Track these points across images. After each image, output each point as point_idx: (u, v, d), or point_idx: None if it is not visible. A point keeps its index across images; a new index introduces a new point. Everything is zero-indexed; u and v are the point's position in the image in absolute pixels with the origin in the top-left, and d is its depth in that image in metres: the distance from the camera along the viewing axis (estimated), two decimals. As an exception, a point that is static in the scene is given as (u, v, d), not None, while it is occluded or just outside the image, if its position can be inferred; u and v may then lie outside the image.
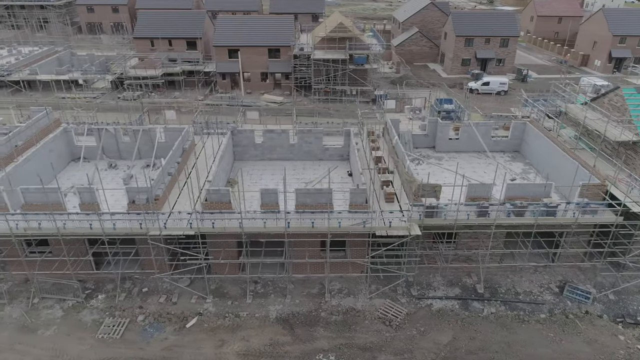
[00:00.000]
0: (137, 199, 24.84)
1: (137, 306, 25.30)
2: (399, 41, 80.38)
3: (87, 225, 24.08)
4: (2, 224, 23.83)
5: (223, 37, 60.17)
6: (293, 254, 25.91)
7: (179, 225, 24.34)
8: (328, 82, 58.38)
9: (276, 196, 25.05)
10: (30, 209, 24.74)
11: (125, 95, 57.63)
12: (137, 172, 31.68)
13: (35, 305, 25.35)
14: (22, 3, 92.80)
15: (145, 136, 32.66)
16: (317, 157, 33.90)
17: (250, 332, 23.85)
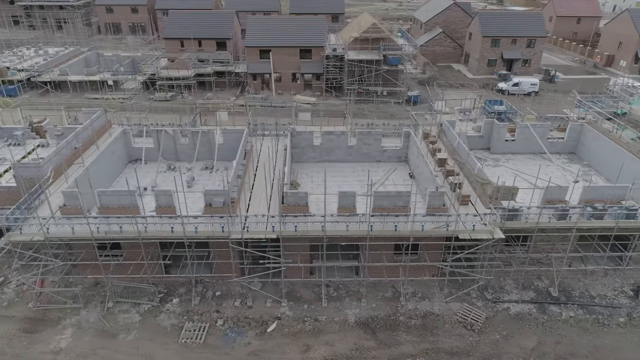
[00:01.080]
0: (214, 202, 24.56)
1: (213, 310, 25.03)
2: (422, 42, 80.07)
3: (167, 229, 23.74)
4: (82, 227, 23.49)
5: (254, 37, 59.91)
6: (368, 257, 25.64)
7: (258, 229, 24.01)
8: (361, 82, 58.12)
9: (354, 199, 24.81)
10: (106, 212, 24.45)
11: (157, 96, 57.30)
12: (198, 174, 31.45)
13: (110, 309, 25.04)
14: (40, 3, 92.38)
15: (203, 138, 32.37)
16: (375, 158, 33.65)
17: (333, 337, 23.59)
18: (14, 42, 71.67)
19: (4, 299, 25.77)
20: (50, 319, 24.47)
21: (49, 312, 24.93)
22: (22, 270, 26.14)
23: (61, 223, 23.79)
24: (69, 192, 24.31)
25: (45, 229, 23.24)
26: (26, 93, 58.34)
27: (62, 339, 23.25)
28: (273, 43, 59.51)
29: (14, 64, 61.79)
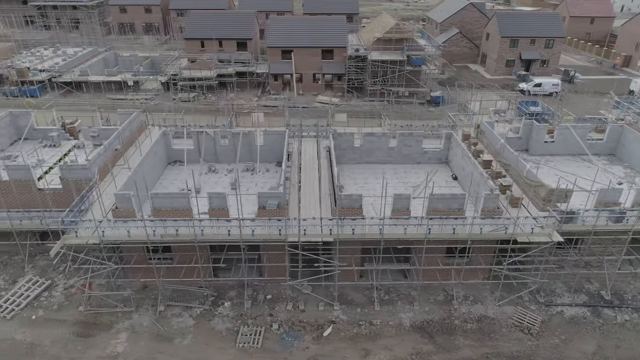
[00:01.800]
0: (268, 205, 24.31)
1: (267, 314, 24.79)
2: (439, 42, 79.78)
3: (222, 232, 23.49)
4: (138, 230, 23.24)
5: (276, 37, 59.67)
6: (420, 261, 25.41)
7: (314, 232, 23.76)
8: (384, 83, 57.87)
9: (408, 201, 24.56)
10: (159, 214, 24.20)
11: (180, 97, 57.02)
12: (240, 176, 31.19)
13: (162, 313, 24.79)
14: (54, 3, 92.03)
15: (244, 139, 32.13)
16: (416, 160, 33.43)
17: (391, 341, 23.36)
18: (31, 42, 71.31)
19: (53, 303, 25.51)
20: (102, 323, 24.22)
21: (100, 315, 24.68)
22: (74, 273, 25.92)
23: (116, 226, 23.50)
24: (121, 194, 24.05)
25: (101, 232, 22.97)
26: (47, 94, 58.03)
27: (118, 343, 23.00)
28: (295, 43, 59.27)
29: (33, 64, 61.49)
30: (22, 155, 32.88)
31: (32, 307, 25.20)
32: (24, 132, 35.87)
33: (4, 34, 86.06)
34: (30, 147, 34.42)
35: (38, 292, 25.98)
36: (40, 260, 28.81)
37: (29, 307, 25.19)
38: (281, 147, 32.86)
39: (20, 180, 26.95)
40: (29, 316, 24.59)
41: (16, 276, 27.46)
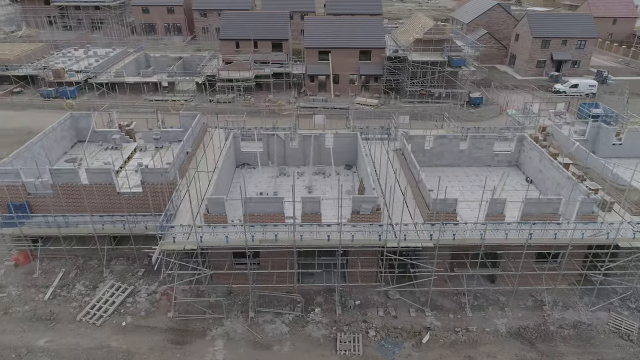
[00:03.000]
0: (362, 209, 23.92)
1: (360, 320, 24.40)
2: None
3: (321, 237, 23.11)
4: (236, 235, 22.84)
5: (314, 38, 59.31)
6: (512, 265, 25.05)
7: (412, 237, 23.39)
8: (423, 84, 57.50)
9: (503, 206, 24.19)
10: (252, 219, 23.78)
11: (218, 98, 56.58)
12: (313, 180, 30.81)
13: (253, 319, 24.37)
14: (77, 4, 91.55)
15: (315, 142, 31.73)
16: (485, 163, 33.07)
17: (492, 348, 22.99)
18: (60, 43, 70.79)
19: (139, 309, 25.09)
20: (194, 330, 23.81)
21: (190, 322, 24.26)
22: (154, 278, 25.53)
23: (210, 231, 23.10)
24: (214, 199, 23.64)
25: (199, 237, 22.56)
26: (84, 95, 57.58)
27: (216, 350, 22.60)
28: (333, 44, 58.94)
29: (67, 65, 61.01)
30: (85, 158, 32.49)
31: (120, 314, 24.77)
32: (82, 134, 35.47)
33: (28, 34, 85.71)
34: (90, 150, 34.02)
35: (123, 298, 25.53)
36: (116, 265, 28.40)
37: (116, 314, 24.75)
38: (350, 150, 32.57)
39: (101, 184, 26.53)
40: (119, 323, 24.17)
41: (96, 281, 27.02)
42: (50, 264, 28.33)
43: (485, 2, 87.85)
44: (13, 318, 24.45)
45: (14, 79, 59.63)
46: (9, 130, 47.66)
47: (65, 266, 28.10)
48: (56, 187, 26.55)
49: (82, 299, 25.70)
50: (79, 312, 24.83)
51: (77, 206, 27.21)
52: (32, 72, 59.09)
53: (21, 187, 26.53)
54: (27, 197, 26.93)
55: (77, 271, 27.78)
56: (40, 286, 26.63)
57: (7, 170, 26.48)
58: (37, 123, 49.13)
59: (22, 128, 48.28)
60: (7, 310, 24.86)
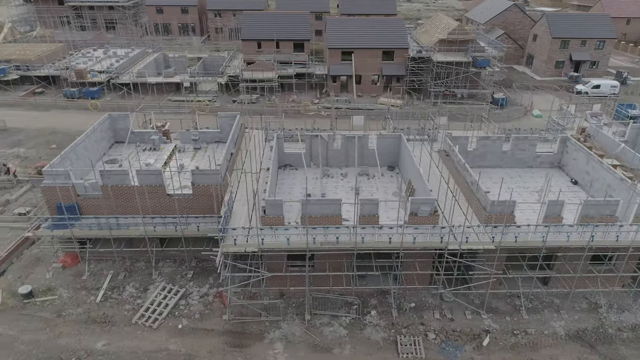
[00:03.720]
0: (420, 211, 23.77)
1: (418, 323, 24.24)
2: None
3: (385, 240, 22.96)
4: (297, 238, 22.69)
5: (337, 39, 59.16)
6: (565, 268, 24.93)
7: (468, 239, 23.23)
8: (447, 85, 57.38)
9: (561, 208, 24.05)
10: (309, 221, 23.61)
11: (242, 99, 56.39)
12: (358, 181, 30.63)
13: (309, 322, 24.21)
14: (91, 4, 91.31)
15: (358, 143, 31.57)
16: (527, 164, 32.91)
17: (553, 351, 22.85)
18: (78, 43, 70.56)
19: (193, 311, 24.92)
20: (252, 333, 23.64)
21: (246, 324, 24.09)
22: (203, 281, 25.37)
23: (269, 233, 22.95)
24: (272, 201, 23.48)
25: (260, 240, 22.40)
26: (106, 95, 57.38)
27: (277, 353, 22.43)
28: (356, 45, 58.80)
29: (88, 65, 60.78)
30: (127, 159, 32.32)
31: (174, 316, 24.59)
32: (120, 135, 35.32)
33: (42, 34, 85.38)
34: (128, 151, 33.85)
35: (176, 301, 25.36)
36: (164, 267, 28.23)
37: (171, 316, 24.58)
38: (393, 151, 32.42)
39: (151, 185, 26.36)
40: (174, 325, 24.00)
41: (145, 283, 26.85)
42: (97, 265, 28.16)
43: (500, 2, 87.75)
44: (67, 321, 24.26)
45: (36, 79, 59.40)
46: (34, 131, 47.49)
47: (113, 268, 27.93)
48: (106, 188, 26.37)
49: (134, 302, 25.52)
50: (132, 314, 24.65)
51: (126, 208, 27.07)
52: (53, 72, 58.88)
53: (71, 189, 26.35)
54: (77, 198, 26.74)
55: (125, 273, 27.60)
56: (90, 288, 26.45)
57: (57, 171, 26.30)
58: (62, 123, 49.12)
59: (46, 128, 48.14)
60: (60, 313, 24.68)
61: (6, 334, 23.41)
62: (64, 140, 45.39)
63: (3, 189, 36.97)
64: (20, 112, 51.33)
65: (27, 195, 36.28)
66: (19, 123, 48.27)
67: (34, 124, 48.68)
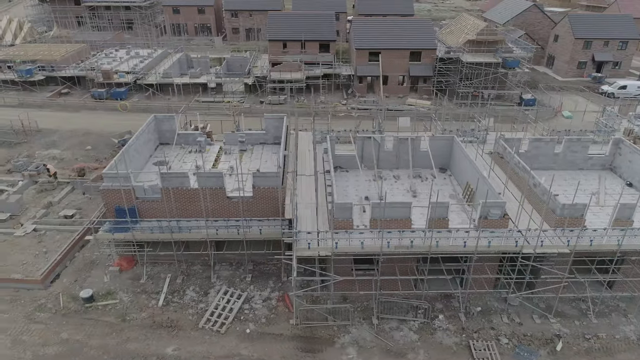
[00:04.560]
0: (490, 214, 23.52)
1: (488, 327, 24.00)
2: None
3: (460, 244, 22.72)
4: (372, 242, 22.44)
5: (364, 39, 58.89)
6: (633, 271, 24.72)
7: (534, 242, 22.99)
8: (476, 86, 57.14)
9: (632, 211, 23.82)
10: (376, 225, 23.36)
11: (270, 99, 56.14)
12: (412, 184, 30.39)
13: (378, 326, 23.95)
14: (107, 4, 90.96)
15: (411, 145, 31.32)
16: (578, 166, 32.64)
17: (629, 356, 22.66)
18: (98, 43, 70.22)
19: (258, 316, 24.66)
20: (321, 337, 23.39)
21: (314, 329, 23.82)
22: (263, 285, 25.17)
23: (350, 237, 22.73)
24: (342, 204, 23.22)
25: (334, 244, 22.14)
26: (132, 96, 57.06)
27: (350, 359, 22.17)
28: (383, 45, 58.52)
29: (112, 66, 60.45)
30: (177, 161, 32.13)
31: (240, 320, 24.33)
32: (165, 136, 35.05)
33: (59, 34, 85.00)
34: (174, 153, 33.61)
35: (240, 305, 25.08)
36: (221, 270, 27.96)
37: (236, 320, 24.31)
38: (445, 153, 32.17)
39: (212, 188, 26.09)
40: (242, 330, 23.74)
41: (205, 287, 26.59)
42: (153, 269, 27.89)
43: (519, 2, 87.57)
44: (132, 325, 23.99)
45: (61, 80, 59.07)
46: (67, 132, 47.15)
47: (169, 271, 27.66)
48: (166, 191, 26.10)
49: (197, 306, 25.25)
50: (197, 319, 24.39)
51: (185, 210, 26.79)
52: (79, 73, 58.53)
53: (131, 192, 26.07)
54: (136, 201, 26.46)
55: (183, 277, 27.34)
56: (150, 292, 26.18)
57: (117, 174, 26.02)
58: (94, 124, 48.84)
59: (78, 129, 47.81)
60: (124, 317, 24.41)
61: (73, 339, 23.14)
62: (98, 142, 45.23)
63: (44, 191, 36.65)
64: (50, 112, 50.99)
65: (69, 197, 35.96)
66: (50, 124, 47.94)
67: (66, 125, 48.35)
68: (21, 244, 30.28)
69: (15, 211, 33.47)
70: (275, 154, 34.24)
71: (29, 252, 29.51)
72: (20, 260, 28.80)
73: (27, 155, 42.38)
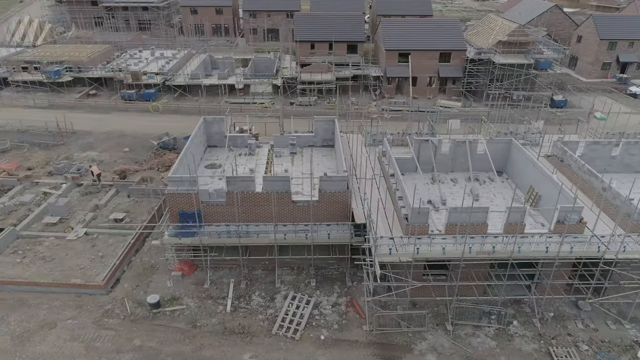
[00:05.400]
0: (569, 219, 23.22)
1: (564, 333, 23.71)
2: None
3: (542, 249, 22.42)
4: (453, 247, 22.16)
5: (394, 40, 58.59)
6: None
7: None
8: (507, 87, 56.88)
9: None
10: (452, 230, 23.06)
11: (301, 101, 55.81)
12: (470, 187, 30.08)
13: (453, 332, 23.64)
14: (125, 4, 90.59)
15: (469, 147, 31.02)
16: (634, 169, 32.34)
17: None
18: (121, 44, 69.82)
19: (329, 322, 24.34)
20: (397, 344, 23.08)
21: (389, 335, 23.50)
22: (325, 290, 24.83)
23: (430, 243, 22.43)
24: (419, 209, 22.88)
25: (416, 250, 21.83)
26: (161, 97, 56.71)
27: (432, 366, 21.87)
28: (413, 46, 58.22)
29: (139, 67, 60.09)
30: (228, 164, 31.78)
31: (312, 327, 24.00)
32: (214, 139, 34.76)
33: (77, 35, 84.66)
34: (224, 155, 33.30)
35: (310, 311, 24.75)
36: (283, 275, 27.63)
37: (309, 327, 23.99)
38: (501, 156, 31.87)
39: (278, 192, 25.76)
40: (316, 336, 23.42)
41: (271, 292, 26.26)
42: (215, 273, 27.57)
43: (539, 3, 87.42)
44: (204, 332, 23.67)
45: (88, 81, 58.72)
46: (102, 134, 46.82)
47: (231, 276, 27.33)
48: (232, 195, 25.77)
49: (266, 311, 24.93)
50: (268, 324, 24.07)
51: (250, 215, 26.46)
52: (107, 74, 58.17)
53: (196, 196, 25.74)
54: (200, 205, 26.13)
55: (246, 282, 27.01)
56: (215, 297, 25.85)
57: (183, 178, 25.71)
58: (127, 126, 48.52)
59: (113, 131, 47.48)
60: (194, 324, 24.08)
61: (146, 345, 22.80)
62: (134, 144, 44.90)
63: (89, 193, 36.31)
64: (82, 114, 50.61)
65: (115, 200, 35.62)
66: (84, 125, 47.58)
67: (99, 127, 48.00)
68: (75, 248, 29.93)
69: (65, 214, 33.13)
70: (325, 157, 34.00)
71: (84, 256, 29.17)
72: (77, 264, 28.46)
73: (66, 157, 42.04)
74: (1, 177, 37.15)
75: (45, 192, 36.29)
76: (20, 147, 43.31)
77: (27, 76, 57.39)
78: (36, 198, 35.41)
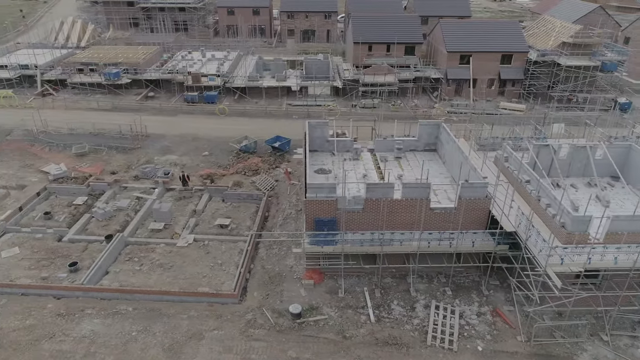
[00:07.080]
0: None
1: None
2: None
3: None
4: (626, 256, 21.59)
5: (455, 42, 58.05)
6: None
7: None
8: (572, 90, 56.37)
9: None
10: (615, 239, 22.50)
11: (364, 103, 55.22)
12: (589, 192, 29.48)
13: (607, 342, 23.07)
14: (162, 5, 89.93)
15: (582, 152, 30.47)
16: None
17: None
18: (168, 45, 69.21)
19: (480, 332, 23.75)
20: (559, 355, 22.52)
21: (546, 346, 22.93)
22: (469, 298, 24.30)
23: (603, 252, 21.86)
24: (580, 217, 22.30)
25: (588, 259, 21.25)
26: (221, 99, 56.04)
27: (604, 378, 21.29)
28: (475, 48, 57.69)
29: (194, 69, 59.38)
30: (335, 169, 31.15)
31: (464, 337, 23.41)
32: (314, 143, 34.10)
33: (115, 36, 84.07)
34: (328, 160, 32.72)
35: (458, 321, 24.16)
36: (415, 283, 27.02)
37: (461, 337, 23.40)
38: (619, 161, 31.27)
39: (416, 199, 25.17)
40: (473, 347, 22.85)
41: (409, 301, 25.67)
42: (345, 282, 26.93)
43: (581, 4, 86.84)
44: (355, 342, 23.07)
45: (145, 83, 58.06)
46: (176, 137, 46.11)
47: (363, 284, 26.73)
48: (371, 202, 25.17)
49: (411, 321, 24.34)
50: (419, 335, 23.50)
51: (385, 222, 25.83)
52: (166, 76, 57.50)
53: (333, 203, 25.15)
54: (335, 213, 25.53)
55: (380, 290, 26.39)
56: (354, 307, 25.25)
57: (323, 184, 25.11)
58: (199, 129, 47.90)
59: (186, 134, 46.77)
60: (344, 334, 23.47)
61: (303, 357, 22.21)
62: (211, 147, 44.30)
63: (183, 198, 35.69)
64: (148, 117, 49.79)
65: (211, 205, 34.98)
66: (155, 128, 46.85)
67: (170, 130, 47.30)
68: (190, 255, 29.31)
69: (168, 220, 32.52)
70: (431, 161, 33.36)
71: (202, 263, 28.57)
72: (197, 272, 27.85)
73: (146, 161, 41.39)
74: (92, 182, 36.45)
75: (138, 197, 35.64)
76: (98, 151, 42.64)
77: (86, 78, 56.68)
78: (131, 203, 34.74)
